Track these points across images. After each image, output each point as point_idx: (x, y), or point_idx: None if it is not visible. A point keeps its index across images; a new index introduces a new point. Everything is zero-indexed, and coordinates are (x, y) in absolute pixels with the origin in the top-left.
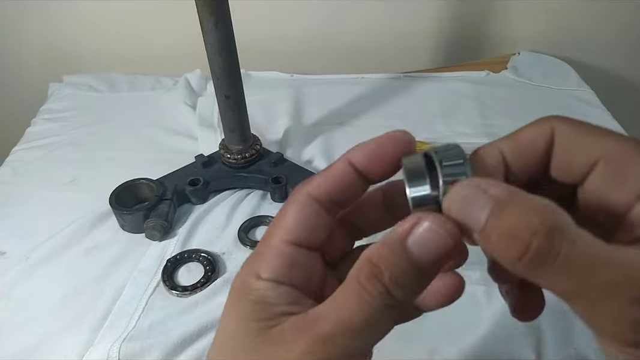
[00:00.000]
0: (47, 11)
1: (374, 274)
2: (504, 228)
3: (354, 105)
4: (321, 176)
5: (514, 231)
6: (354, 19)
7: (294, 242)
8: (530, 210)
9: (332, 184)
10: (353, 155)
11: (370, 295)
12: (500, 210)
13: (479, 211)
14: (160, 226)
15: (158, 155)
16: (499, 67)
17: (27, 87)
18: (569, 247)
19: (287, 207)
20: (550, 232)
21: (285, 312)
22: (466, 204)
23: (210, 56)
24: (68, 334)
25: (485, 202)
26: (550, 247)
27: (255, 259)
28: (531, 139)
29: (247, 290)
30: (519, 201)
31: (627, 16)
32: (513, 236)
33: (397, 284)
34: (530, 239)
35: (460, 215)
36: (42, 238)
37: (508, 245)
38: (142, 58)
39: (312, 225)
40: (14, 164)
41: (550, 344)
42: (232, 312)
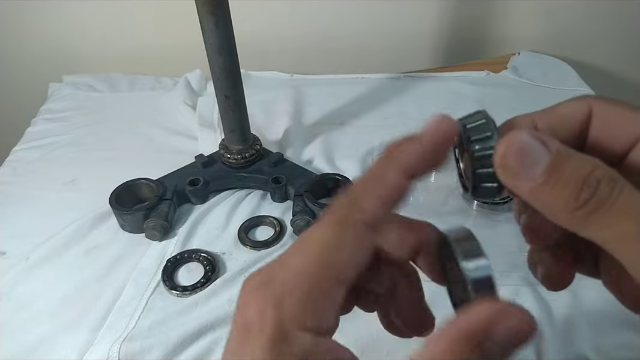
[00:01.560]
0: (47, 11)
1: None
2: (567, 176)
3: (354, 105)
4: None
5: (580, 178)
6: (354, 19)
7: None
8: (590, 163)
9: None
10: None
11: None
12: (562, 161)
13: (537, 162)
14: (160, 226)
15: (158, 155)
16: (499, 67)
17: (27, 87)
18: (627, 192)
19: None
20: (612, 179)
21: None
22: (524, 153)
23: (210, 56)
24: (68, 334)
25: (544, 152)
26: (612, 190)
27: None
28: (568, 114)
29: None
30: (577, 154)
31: (628, 16)
32: (580, 183)
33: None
34: (596, 185)
35: (515, 165)
36: (42, 238)
37: (572, 193)
38: (142, 58)
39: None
40: (14, 164)
41: (551, 344)
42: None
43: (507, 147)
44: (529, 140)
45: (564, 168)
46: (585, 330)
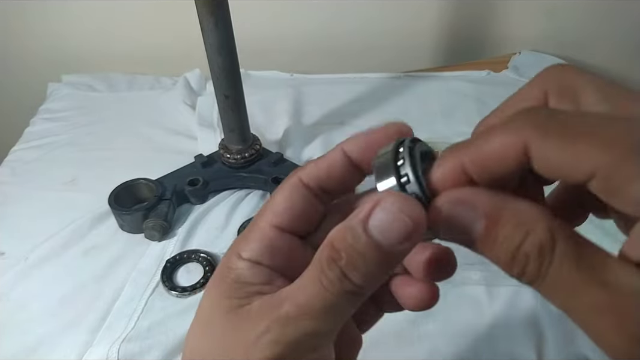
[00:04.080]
0: (46, 11)
1: (332, 258)
2: (498, 247)
3: (354, 104)
4: (314, 163)
5: (510, 254)
6: (354, 18)
7: (279, 226)
8: (522, 229)
9: (324, 172)
10: (347, 145)
11: (328, 279)
12: (493, 229)
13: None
14: (160, 226)
15: (157, 155)
16: (499, 67)
17: (26, 86)
18: (556, 268)
19: (278, 191)
20: (540, 251)
21: (258, 292)
22: (454, 222)
23: (210, 56)
24: (67, 335)
25: (475, 218)
26: (540, 267)
27: (240, 240)
28: (498, 155)
29: (227, 270)
30: (508, 216)
31: (629, 15)
32: (510, 258)
33: (356, 269)
34: (525, 261)
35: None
36: (41, 238)
37: (506, 265)
38: (141, 58)
39: (299, 211)
40: (13, 164)
41: (551, 344)
42: (211, 291)
43: (437, 217)
44: (457, 209)
45: (495, 237)
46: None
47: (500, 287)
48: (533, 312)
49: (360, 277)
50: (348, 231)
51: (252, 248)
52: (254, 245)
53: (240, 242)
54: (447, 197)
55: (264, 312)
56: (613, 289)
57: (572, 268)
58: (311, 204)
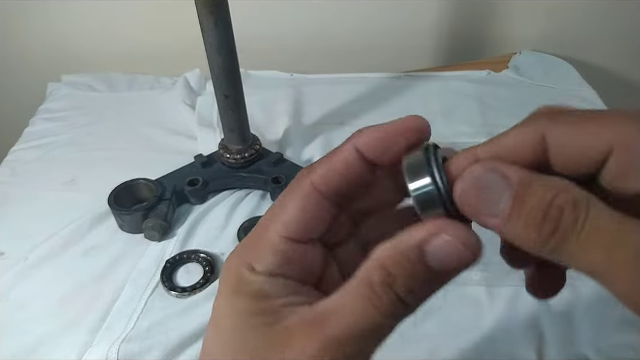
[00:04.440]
0: (45, 11)
1: (387, 282)
2: (530, 210)
3: (354, 104)
4: (325, 164)
5: (541, 211)
6: (354, 18)
7: (293, 238)
8: (553, 189)
9: (338, 175)
10: (360, 141)
11: (382, 302)
12: (524, 193)
13: (498, 197)
14: (159, 226)
15: (157, 155)
16: (500, 67)
17: (26, 86)
18: (594, 218)
19: (288, 198)
20: (575, 206)
21: (285, 304)
22: (483, 189)
23: (210, 55)
24: (67, 335)
25: (504, 186)
26: (576, 219)
27: (247, 250)
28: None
29: (241, 284)
30: (539, 182)
31: (629, 15)
32: (541, 217)
33: (411, 293)
34: (559, 216)
35: (476, 202)
36: (40, 238)
37: (536, 228)
38: (141, 57)
39: (314, 220)
40: (13, 164)
41: (552, 344)
42: (228, 307)
43: (465, 185)
44: (488, 175)
45: (526, 200)
46: (585, 330)
47: (500, 287)
48: (533, 312)
49: (413, 300)
50: (402, 256)
51: (266, 260)
52: (266, 257)
53: (249, 252)
54: (479, 165)
55: (307, 331)
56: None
57: (610, 218)
58: (324, 209)
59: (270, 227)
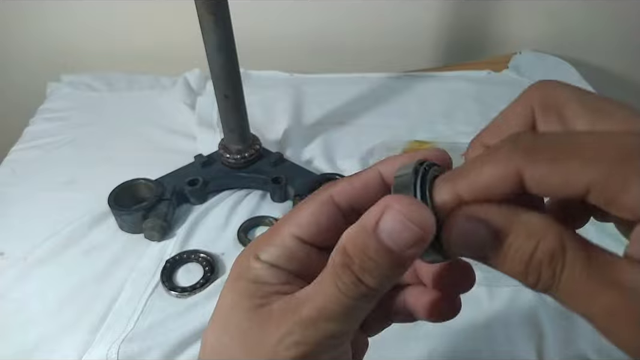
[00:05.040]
0: (45, 10)
1: (345, 263)
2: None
3: (354, 104)
4: (349, 181)
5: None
6: (354, 18)
7: (300, 237)
8: (532, 239)
9: (357, 192)
10: (384, 167)
11: (344, 284)
12: (505, 242)
13: (482, 242)
14: (159, 226)
15: (157, 155)
16: (500, 67)
17: (26, 86)
18: (568, 273)
19: (307, 203)
20: (552, 258)
21: (277, 292)
22: (468, 241)
23: (210, 55)
24: (67, 335)
25: (486, 233)
26: (553, 274)
27: (259, 242)
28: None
29: (245, 270)
30: (519, 228)
31: (629, 15)
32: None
33: (369, 273)
34: (539, 269)
35: (464, 249)
36: (40, 238)
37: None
38: (141, 57)
39: (324, 227)
40: (13, 164)
41: (552, 344)
42: (230, 289)
43: (450, 235)
44: (470, 225)
45: (508, 248)
46: (586, 330)
47: (500, 287)
48: (533, 312)
49: (373, 281)
50: (358, 236)
51: (271, 252)
52: (273, 249)
53: (260, 244)
54: (459, 215)
55: (285, 314)
56: (625, 289)
57: (583, 272)
58: (337, 222)
59: (283, 225)
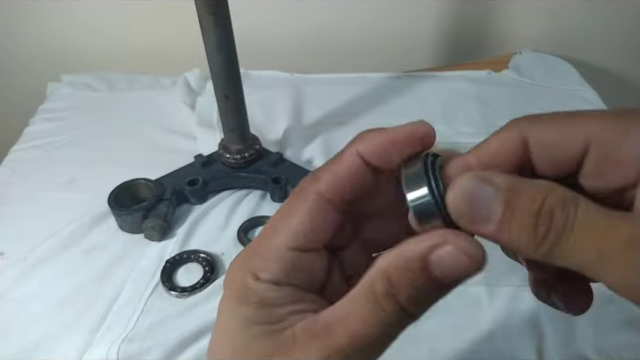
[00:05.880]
0: (45, 10)
1: (391, 293)
2: (522, 214)
3: (354, 104)
4: (330, 172)
5: (533, 214)
6: (354, 17)
7: (299, 248)
8: (541, 192)
9: (343, 183)
10: (363, 147)
11: (386, 312)
12: (514, 198)
13: (489, 205)
14: (159, 226)
15: (157, 155)
16: (500, 67)
17: (26, 86)
18: (583, 214)
19: (295, 207)
20: (565, 205)
21: (290, 312)
22: (474, 200)
23: (210, 55)
24: (67, 335)
25: (493, 193)
26: (567, 218)
27: (252, 258)
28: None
29: (246, 293)
30: (527, 185)
31: (629, 16)
32: (534, 219)
33: (415, 304)
34: (550, 217)
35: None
36: (40, 238)
37: (530, 230)
38: (141, 57)
39: (321, 229)
40: (13, 164)
41: (552, 344)
42: (233, 315)
43: (456, 197)
44: (476, 184)
45: (517, 204)
46: (586, 330)
47: (500, 287)
48: (533, 312)
49: (416, 309)
50: (405, 266)
51: (270, 269)
52: (271, 266)
53: (254, 260)
54: (465, 175)
55: (313, 340)
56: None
57: (598, 213)
58: (330, 217)
59: (276, 236)
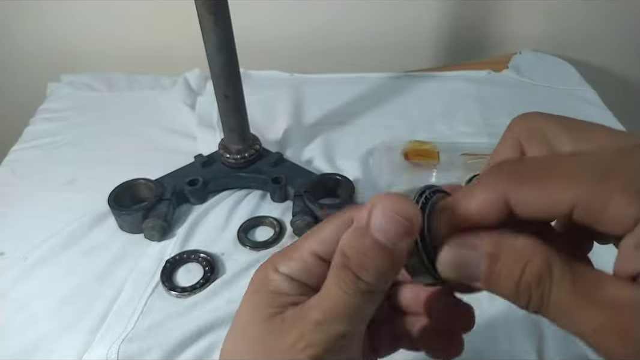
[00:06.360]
0: (46, 10)
1: (344, 263)
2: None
3: (354, 104)
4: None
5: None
6: (354, 17)
7: (319, 256)
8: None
9: None
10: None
11: (344, 282)
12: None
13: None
14: (159, 226)
15: (157, 155)
16: (500, 67)
17: (26, 86)
18: (555, 294)
19: (330, 222)
20: (540, 280)
21: (293, 302)
22: (460, 264)
23: (210, 55)
24: (67, 335)
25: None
26: (542, 295)
27: (280, 256)
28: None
29: (265, 281)
30: (507, 251)
31: (629, 15)
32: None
33: (365, 269)
34: (529, 290)
35: (458, 276)
36: (40, 238)
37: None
38: (141, 57)
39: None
40: (13, 164)
41: (552, 344)
42: (250, 300)
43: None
44: (461, 251)
45: (498, 273)
46: None
47: None
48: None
49: (371, 277)
50: (353, 236)
51: (290, 265)
52: (292, 264)
53: (279, 257)
54: (452, 243)
55: (296, 320)
56: (611, 306)
57: (569, 292)
58: None
59: (304, 241)
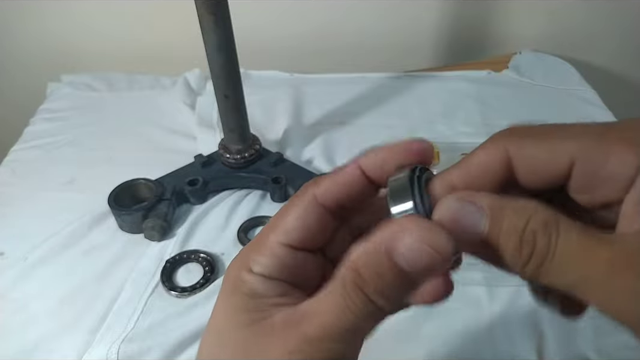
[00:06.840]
0: (46, 10)
1: (357, 284)
2: (505, 234)
3: (354, 104)
4: (330, 180)
5: (517, 236)
6: (354, 17)
7: (290, 244)
8: (524, 213)
9: (341, 190)
10: (364, 161)
11: (354, 303)
12: (497, 217)
13: (475, 224)
14: (159, 226)
15: (157, 155)
16: (500, 67)
17: (26, 86)
18: (565, 233)
19: (290, 208)
20: (546, 226)
21: (275, 304)
22: (460, 220)
23: (210, 55)
24: (67, 335)
25: (479, 214)
26: (549, 239)
27: (248, 254)
28: (483, 167)
29: (238, 283)
30: (510, 206)
31: (629, 15)
32: (518, 241)
33: (382, 295)
34: (533, 239)
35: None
36: (40, 238)
37: (515, 252)
38: (141, 57)
39: (313, 230)
40: (13, 164)
41: (552, 344)
42: (223, 304)
43: (442, 217)
44: (461, 206)
45: (500, 225)
46: (586, 330)
47: (501, 287)
48: (533, 312)
49: (385, 302)
50: (372, 257)
51: (263, 263)
52: (264, 260)
53: (250, 254)
54: (450, 197)
55: (289, 329)
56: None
57: (580, 235)
58: (325, 221)
59: (271, 233)
